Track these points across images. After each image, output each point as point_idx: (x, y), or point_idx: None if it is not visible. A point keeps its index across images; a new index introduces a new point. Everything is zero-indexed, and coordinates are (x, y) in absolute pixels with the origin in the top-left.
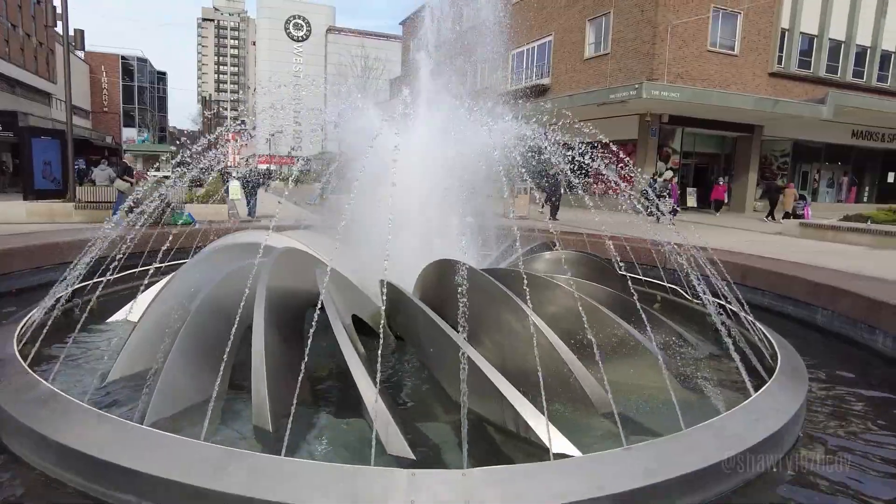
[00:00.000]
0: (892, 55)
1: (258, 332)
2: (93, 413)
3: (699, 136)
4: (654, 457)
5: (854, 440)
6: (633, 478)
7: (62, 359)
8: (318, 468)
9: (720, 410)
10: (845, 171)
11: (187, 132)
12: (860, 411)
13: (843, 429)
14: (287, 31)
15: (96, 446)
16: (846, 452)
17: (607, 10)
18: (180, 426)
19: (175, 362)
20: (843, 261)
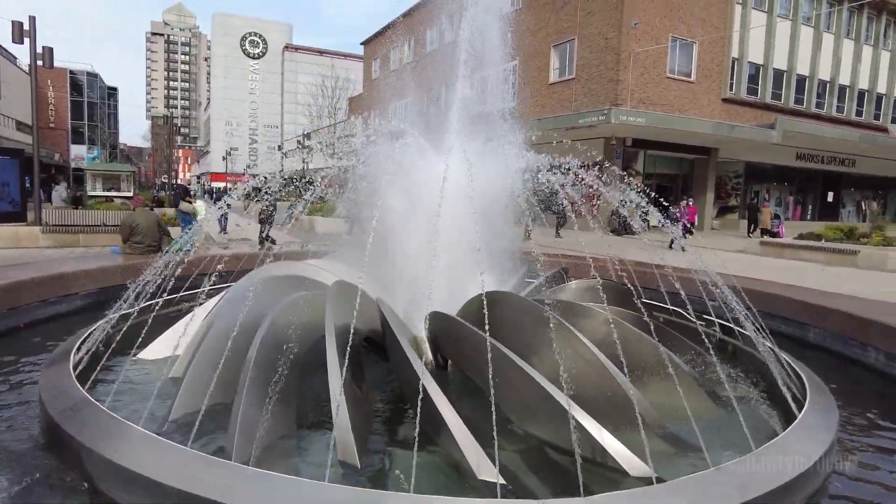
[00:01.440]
0: (827, 84)
1: (334, 368)
2: (203, 457)
3: (660, 158)
4: (747, 474)
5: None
6: (731, 496)
7: (113, 393)
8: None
9: (764, 429)
10: (791, 191)
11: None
12: (875, 426)
13: (865, 441)
14: (243, 47)
15: (218, 491)
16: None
17: (571, 37)
18: (266, 466)
19: (250, 399)
20: (810, 277)
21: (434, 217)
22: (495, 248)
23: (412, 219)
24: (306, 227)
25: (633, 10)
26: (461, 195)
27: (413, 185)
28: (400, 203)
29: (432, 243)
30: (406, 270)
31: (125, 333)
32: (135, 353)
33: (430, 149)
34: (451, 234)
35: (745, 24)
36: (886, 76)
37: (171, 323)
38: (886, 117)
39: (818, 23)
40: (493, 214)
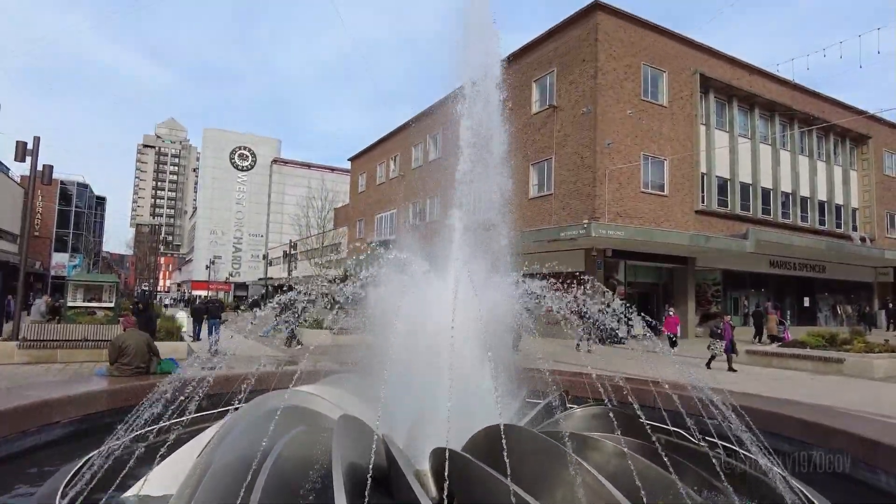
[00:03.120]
0: (789, 195)
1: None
2: None
3: (639, 268)
4: None
5: None
6: None
7: None
8: None
9: None
10: (768, 297)
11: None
12: None
13: None
14: (232, 160)
15: None
16: None
17: (548, 157)
18: None
19: None
20: (803, 388)
21: (438, 342)
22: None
23: (417, 344)
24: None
25: (605, 132)
26: (466, 320)
27: (418, 312)
28: (405, 328)
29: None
30: (409, 397)
31: (113, 467)
32: (126, 491)
33: (435, 277)
34: (456, 360)
35: (709, 143)
36: (841, 189)
37: (164, 454)
38: (848, 225)
39: (774, 142)
40: (496, 338)
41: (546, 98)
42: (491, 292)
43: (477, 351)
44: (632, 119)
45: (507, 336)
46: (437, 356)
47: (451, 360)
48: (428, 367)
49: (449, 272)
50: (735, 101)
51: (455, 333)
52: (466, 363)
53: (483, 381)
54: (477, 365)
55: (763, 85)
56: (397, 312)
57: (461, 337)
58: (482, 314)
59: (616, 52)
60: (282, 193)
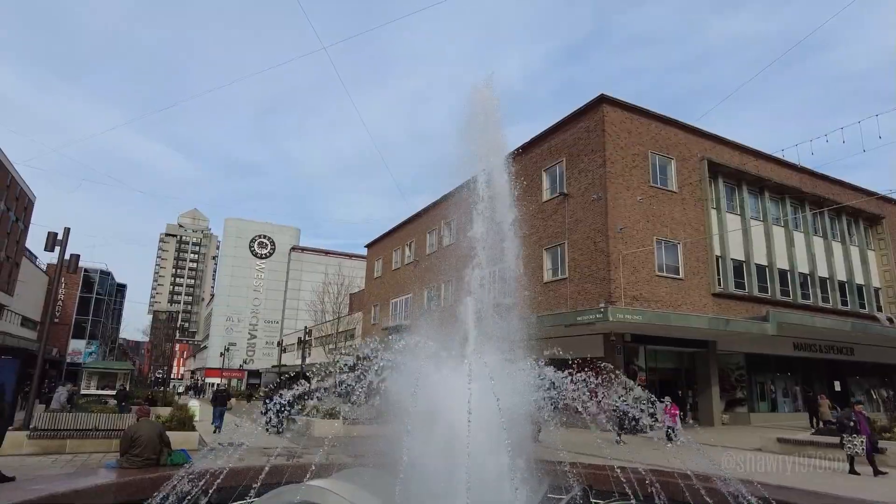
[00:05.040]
0: (807, 276)
1: None
2: None
3: (660, 353)
4: None
5: None
6: None
7: None
8: None
9: None
10: (796, 381)
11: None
12: None
13: None
14: (251, 248)
15: None
16: None
17: (562, 242)
18: None
19: None
20: (842, 483)
21: (454, 433)
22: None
23: (432, 434)
24: (302, 429)
25: (617, 217)
26: (485, 412)
27: (434, 403)
28: (420, 419)
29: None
30: (426, 492)
31: None
32: None
33: (449, 364)
34: (475, 451)
35: (722, 226)
36: (860, 268)
37: None
38: (871, 305)
39: (787, 224)
40: (517, 428)
41: (556, 186)
42: (508, 381)
43: (494, 442)
44: (642, 205)
45: (525, 425)
46: (454, 448)
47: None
48: (444, 459)
49: (463, 361)
50: (744, 184)
51: (471, 424)
52: (483, 455)
53: (501, 475)
54: (494, 457)
55: (771, 169)
56: (412, 402)
57: (477, 428)
58: (499, 404)
59: (623, 141)
60: (299, 280)
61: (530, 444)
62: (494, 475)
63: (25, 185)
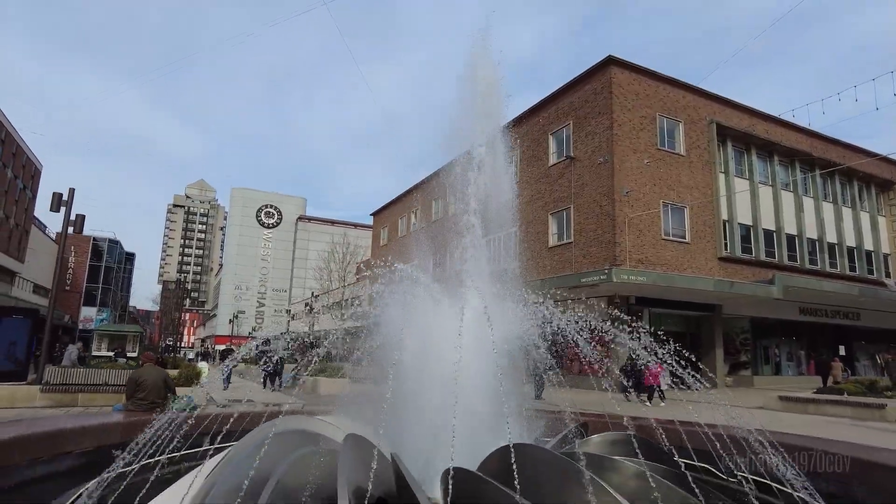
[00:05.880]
0: (815, 242)
1: None
2: None
3: (665, 316)
4: None
5: None
6: None
7: None
8: None
9: None
10: (801, 346)
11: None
12: None
13: None
14: (258, 218)
15: None
16: None
17: (567, 206)
18: None
19: None
20: (842, 433)
21: (451, 367)
22: (512, 404)
23: (428, 369)
24: (309, 388)
25: (623, 181)
26: (479, 344)
27: (429, 334)
28: (415, 352)
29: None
30: (421, 425)
31: (119, 494)
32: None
33: (446, 296)
34: (469, 384)
35: (729, 190)
36: (870, 234)
37: (171, 483)
38: (880, 272)
39: (796, 188)
40: (510, 367)
41: (563, 150)
42: (501, 311)
43: (488, 375)
44: (649, 168)
45: (520, 361)
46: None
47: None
48: (440, 390)
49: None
50: (753, 148)
51: (464, 355)
52: (477, 388)
53: (495, 405)
54: (488, 389)
55: (781, 133)
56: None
57: (470, 360)
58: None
59: (631, 103)
60: (306, 249)
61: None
62: (488, 409)
63: (32, 154)
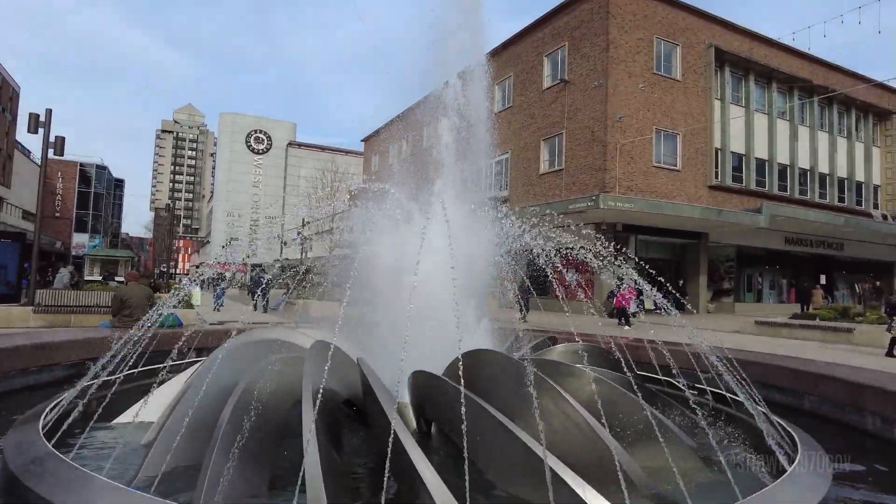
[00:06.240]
0: (807, 172)
1: (309, 430)
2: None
3: (651, 243)
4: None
5: None
6: None
7: (83, 456)
8: None
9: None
10: (784, 275)
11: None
12: (871, 483)
13: (857, 491)
14: (248, 143)
15: None
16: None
17: (560, 132)
18: None
19: (218, 461)
20: (808, 354)
21: (417, 278)
22: (481, 317)
23: (395, 281)
24: (301, 311)
25: (617, 106)
26: (445, 257)
27: (396, 246)
28: (383, 265)
29: (415, 305)
30: (390, 335)
31: (103, 400)
32: (110, 418)
33: (413, 209)
34: (436, 296)
35: (724, 118)
36: (863, 165)
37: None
38: (868, 203)
39: (792, 116)
40: (479, 282)
41: (557, 73)
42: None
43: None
44: (644, 93)
45: (487, 273)
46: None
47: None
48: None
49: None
50: (752, 75)
51: (431, 271)
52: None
53: (464, 315)
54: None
55: (781, 59)
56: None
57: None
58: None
59: (628, 25)
60: (297, 176)
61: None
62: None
63: (8, 75)
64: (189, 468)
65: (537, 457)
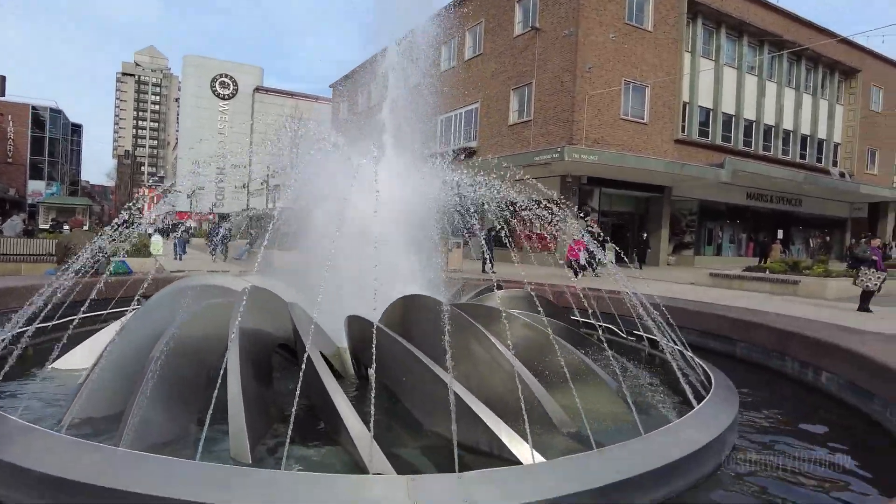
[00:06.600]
0: (772, 128)
1: (233, 367)
2: (76, 442)
3: (615, 196)
4: (626, 456)
5: (779, 442)
6: (609, 474)
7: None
8: (320, 479)
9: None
10: (743, 229)
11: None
12: (776, 425)
13: (768, 433)
14: (213, 88)
15: (90, 473)
16: (775, 452)
17: (529, 81)
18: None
19: (145, 402)
20: (754, 305)
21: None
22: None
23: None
24: (262, 260)
25: (587, 56)
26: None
27: (339, 193)
28: (326, 212)
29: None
30: (332, 280)
31: (39, 347)
32: (45, 364)
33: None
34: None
35: (694, 71)
36: (826, 123)
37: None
38: (828, 160)
39: (761, 72)
40: (423, 233)
41: (529, 19)
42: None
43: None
44: (615, 43)
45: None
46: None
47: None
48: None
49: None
50: (724, 27)
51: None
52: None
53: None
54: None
55: (754, 12)
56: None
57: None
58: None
59: None
60: (265, 123)
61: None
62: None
63: None
64: (118, 412)
65: (458, 396)
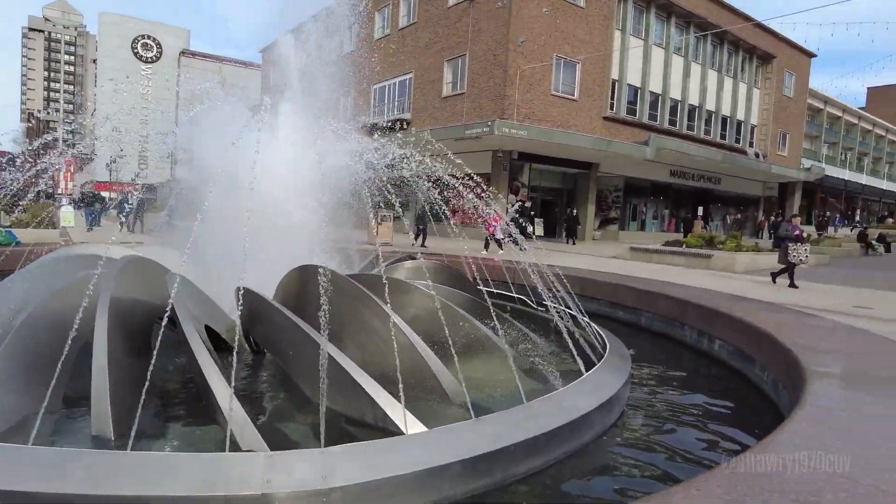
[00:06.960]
0: (696, 108)
1: (100, 338)
2: None
3: (545, 172)
4: (501, 425)
5: (668, 409)
6: (482, 444)
7: None
8: (167, 458)
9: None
10: (666, 206)
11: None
12: (671, 388)
13: (659, 400)
14: (134, 50)
15: None
16: (663, 419)
17: (463, 53)
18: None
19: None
20: (668, 277)
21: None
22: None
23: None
24: (173, 230)
25: (519, 29)
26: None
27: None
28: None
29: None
30: (229, 251)
31: None
32: None
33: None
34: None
35: (623, 49)
36: (744, 105)
37: None
38: (745, 141)
39: (687, 53)
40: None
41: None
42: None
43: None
44: (547, 17)
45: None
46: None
47: None
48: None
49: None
50: (653, 7)
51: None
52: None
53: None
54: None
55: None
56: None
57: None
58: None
59: None
60: (190, 89)
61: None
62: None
63: None
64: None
65: (344, 370)
